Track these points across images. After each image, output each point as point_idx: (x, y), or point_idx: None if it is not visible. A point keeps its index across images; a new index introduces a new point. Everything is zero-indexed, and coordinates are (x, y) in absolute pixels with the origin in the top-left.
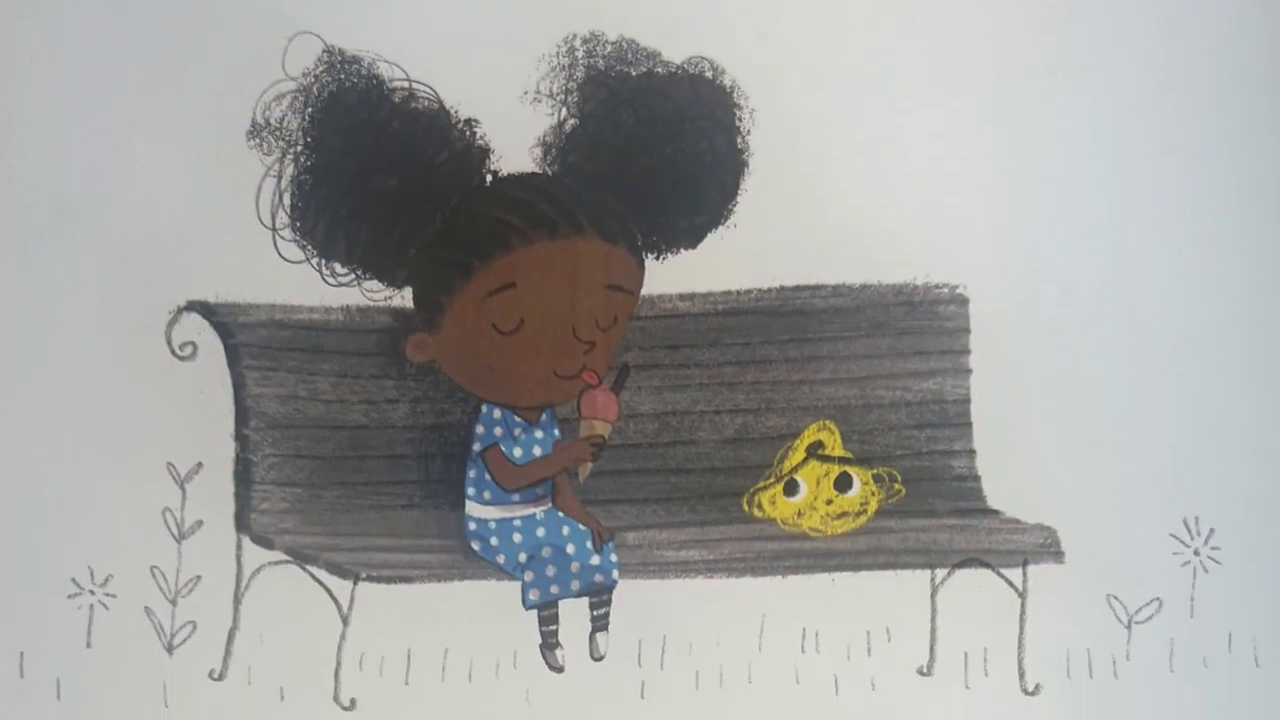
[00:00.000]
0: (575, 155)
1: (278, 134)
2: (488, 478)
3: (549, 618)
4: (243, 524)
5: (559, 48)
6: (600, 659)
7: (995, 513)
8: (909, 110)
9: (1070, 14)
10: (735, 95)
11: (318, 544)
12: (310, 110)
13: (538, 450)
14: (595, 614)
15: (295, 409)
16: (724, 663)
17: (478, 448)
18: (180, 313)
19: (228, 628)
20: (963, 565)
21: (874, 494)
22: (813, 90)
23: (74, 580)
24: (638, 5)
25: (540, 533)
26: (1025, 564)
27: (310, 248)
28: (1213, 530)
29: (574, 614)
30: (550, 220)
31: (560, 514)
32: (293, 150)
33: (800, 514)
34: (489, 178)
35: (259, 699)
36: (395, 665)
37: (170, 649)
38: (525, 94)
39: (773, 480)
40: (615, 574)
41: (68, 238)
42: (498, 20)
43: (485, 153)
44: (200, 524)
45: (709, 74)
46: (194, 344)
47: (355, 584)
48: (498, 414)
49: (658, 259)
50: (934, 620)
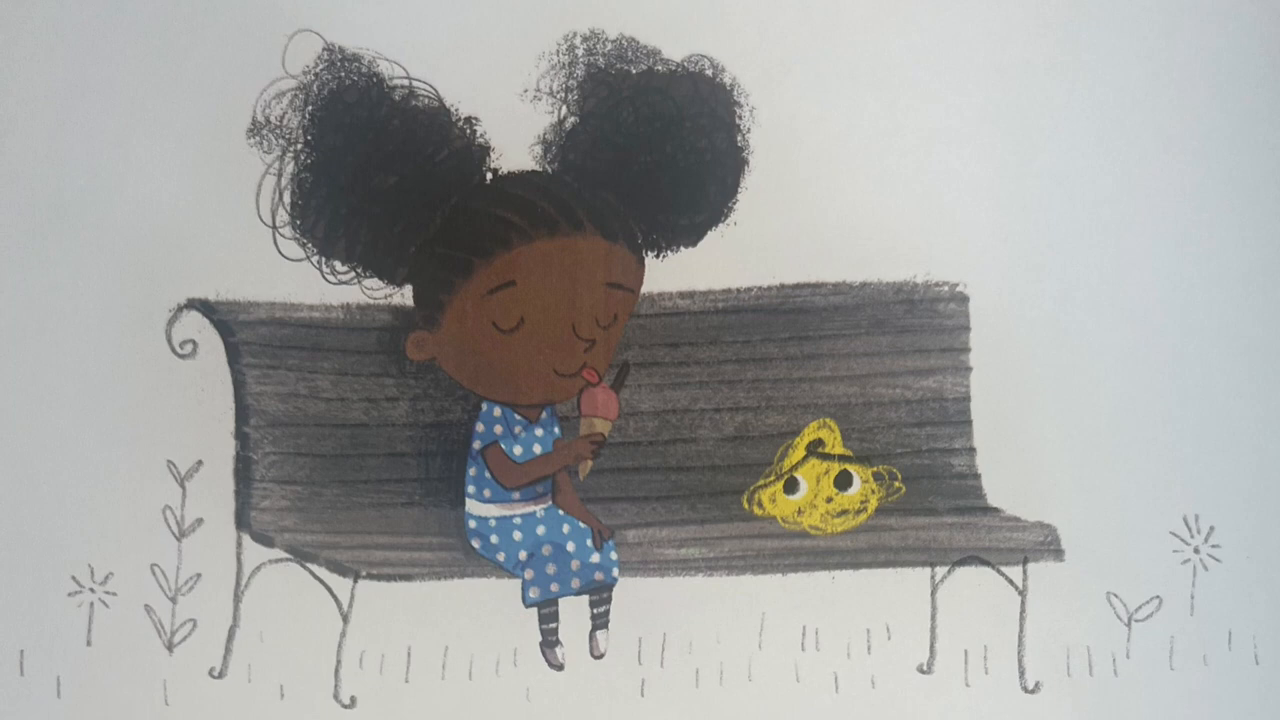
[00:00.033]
0: (575, 153)
1: (278, 132)
2: (488, 475)
3: (549, 615)
4: (243, 522)
5: (559, 45)
6: (600, 657)
7: (995, 510)
8: (909, 108)
9: (1070, 11)
10: (735, 93)
11: (318, 542)
12: (310, 108)
13: (538, 448)
14: (595, 612)
15: (295, 407)
16: (724, 660)
17: (478, 445)
18: (180, 311)
19: (228, 625)
20: (963, 563)
21: (874, 492)
22: (813, 88)
23: (74, 578)
24: (638, 3)
25: (540, 531)
26: (1025, 562)
27: (310, 245)
28: (1213, 528)
29: (574, 612)
30: (550, 218)
31: (560, 512)
32: (293, 148)
33: (800, 512)
34: (489, 175)
35: (259, 697)
36: (395, 663)
37: (170, 647)
38: (525, 92)
39: (773, 478)
40: (615, 572)
41: (68, 235)
42: (498, 18)
43: (485, 150)
44: (200, 522)
45: (709, 72)
46: (194, 342)
47: (355, 582)
48: (498, 412)
49: (658, 257)
50: (934, 618)
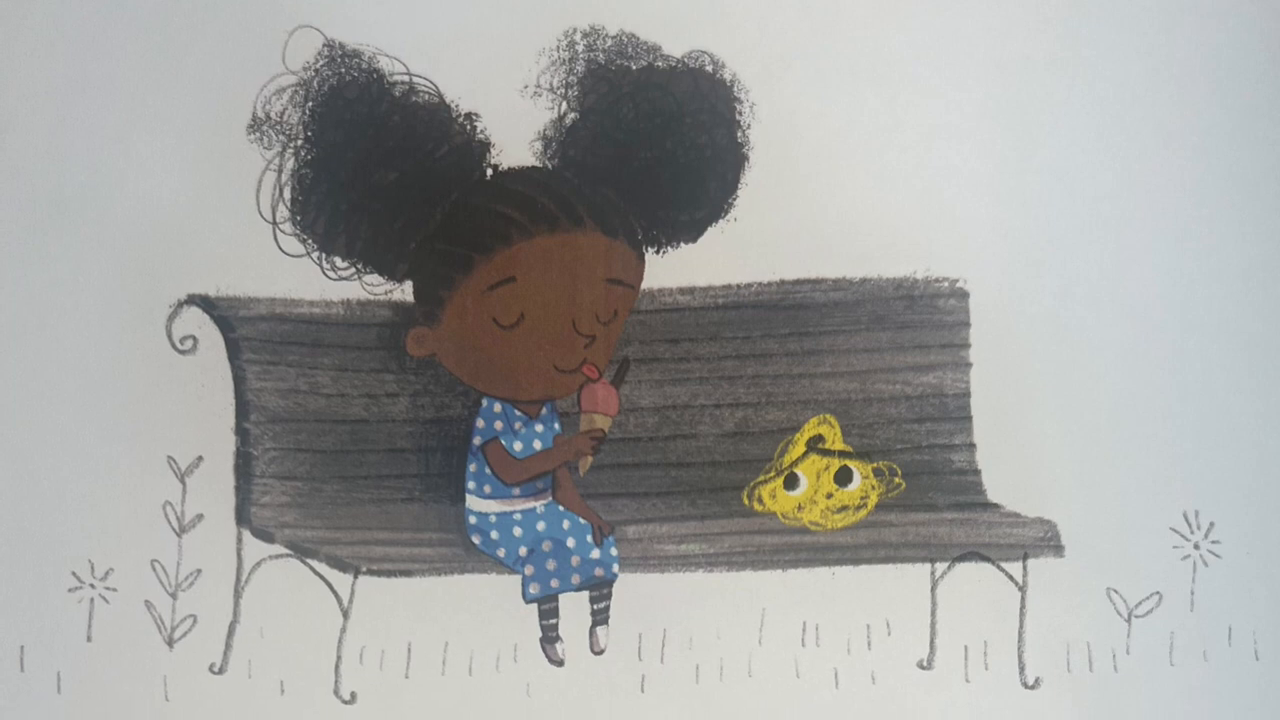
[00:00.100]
0: (575, 149)
1: (278, 128)
2: (488, 471)
3: (549, 611)
4: (243, 518)
5: (559, 42)
6: (600, 652)
7: (995, 506)
8: (909, 104)
9: (1070, 7)
10: (735, 89)
11: (318, 538)
12: (311, 104)
13: (538, 444)
14: (595, 608)
15: (295, 403)
16: (724, 656)
17: (478, 441)
18: (181, 307)
19: (228, 621)
20: (963, 559)
21: (874, 488)
22: (813, 84)
23: (74, 574)
24: None
25: (540, 526)
26: (1025, 557)
27: (310, 242)
28: (1213, 524)
29: (574, 608)
30: (550, 214)
31: (560, 508)
32: (293, 144)
33: (800, 508)
34: (489, 171)
35: (259, 692)
36: (396, 659)
37: (170, 643)
38: (525, 88)
39: (773, 474)
40: (615, 568)
41: (69, 231)
42: (498, 14)
43: (485, 147)
44: (200, 518)
45: (709, 68)
46: (194, 338)
47: (356, 578)
48: (498, 408)
49: (658, 253)
50: (934, 614)
